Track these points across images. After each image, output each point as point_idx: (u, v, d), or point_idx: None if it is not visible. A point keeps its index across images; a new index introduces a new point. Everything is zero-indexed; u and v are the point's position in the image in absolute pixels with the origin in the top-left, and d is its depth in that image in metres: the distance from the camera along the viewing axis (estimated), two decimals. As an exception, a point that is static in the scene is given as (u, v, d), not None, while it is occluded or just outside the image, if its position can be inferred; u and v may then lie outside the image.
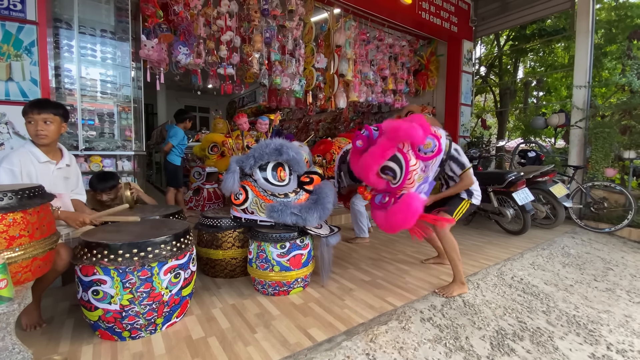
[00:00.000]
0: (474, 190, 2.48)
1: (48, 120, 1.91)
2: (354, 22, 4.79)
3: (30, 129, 1.89)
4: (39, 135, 1.89)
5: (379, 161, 2.02)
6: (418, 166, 2.03)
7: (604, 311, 2.19)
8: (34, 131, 1.89)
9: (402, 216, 1.96)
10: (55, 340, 1.69)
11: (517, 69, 10.32)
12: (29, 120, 1.88)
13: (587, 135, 4.61)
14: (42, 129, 1.89)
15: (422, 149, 2.04)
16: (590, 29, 4.68)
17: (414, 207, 1.96)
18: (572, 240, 3.73)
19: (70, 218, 1.83)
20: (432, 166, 2.11)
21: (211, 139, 4.42)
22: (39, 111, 1.88)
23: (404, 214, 1.96)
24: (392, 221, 2.02)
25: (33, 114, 1.87)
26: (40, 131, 1.89)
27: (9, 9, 2.62)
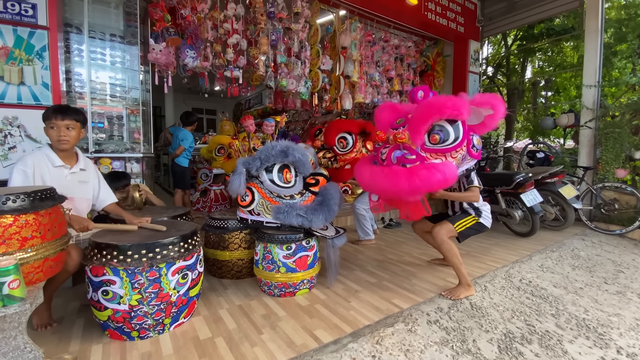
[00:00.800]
0: (483, 210, 2.37)
1: (70, 126, 1.95)
2: (360, 23, 4.79)
3: (53, 134, 1.92)
4: (61, 140, 1.93)
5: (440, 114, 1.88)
6: (464, 151, 1.99)
7: (615, 314, 2.15)
8: (56, 136, 1.92)
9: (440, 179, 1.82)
10: (65, 340, 1.72)
11: (525, 69, 10.22)
12: (52, 125, 1.91)
13: (597, 135, 4.55)
14: (65, 135, 1.93)
15: (474, 142, 2.01)
16: (599, 28, 4.62)
17: (454, 175, 1.88)
18: (582, 243, 3.67)
19: (75, 221, 1.86)
20: (464, 163, 2.07)
21: (218, 141, 4.45)
22: (62, 117, 1.92)
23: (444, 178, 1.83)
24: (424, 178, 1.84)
25: (57, 120, 1.91)
26: (62, 137, 1.93)
27: (21, 14, 2.68)
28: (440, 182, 1.84)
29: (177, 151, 4.37)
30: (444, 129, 1.94)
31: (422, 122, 1.91)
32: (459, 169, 2.07)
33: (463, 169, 2.12)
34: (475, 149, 2.02)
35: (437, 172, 1.85)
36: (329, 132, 3.44)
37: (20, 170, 1.81)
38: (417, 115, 1.94)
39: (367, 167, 2.17)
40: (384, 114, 2.24)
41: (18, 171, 1.81)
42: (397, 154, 1.99)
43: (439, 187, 1.88)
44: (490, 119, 1.96)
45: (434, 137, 1.95)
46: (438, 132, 1.94)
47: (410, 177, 1.87)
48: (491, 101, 1.92)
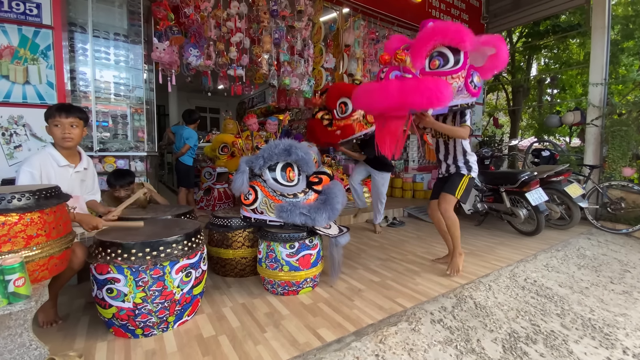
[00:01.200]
0: (472, 163, 2.49)
1: (74, 124, 1.96)
2: (363, 21, 4.78)
3: (57, 132, 1.93)
4: (65, 138, 1.94)
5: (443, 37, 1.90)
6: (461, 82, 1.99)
7: (621, 314, 2.13)
8: (60, 134, 1.93)
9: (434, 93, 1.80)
10: (71, 337, 1.74)
11: (531, 67, 10.14)
12: (56, 123, 1.92)
13: (603, 133, 4.50)
14: (69, 133, 1.94)
15: (474, 78, 2.03)
16: (606, 25, 4.56)
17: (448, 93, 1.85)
18: (588, 242, 3.64)
19: (84, 221, 1.87)
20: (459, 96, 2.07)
21: (221, 139, 4.46)
22: (67, 115, 1.94)
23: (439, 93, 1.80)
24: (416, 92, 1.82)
25: (61, 118, 1.92)
26: (67, 134, 1.94)
27: (25, 13, 2.70)
28: (430, 97, 1.81)
29: (183, 149, 4.37)
30: (443, 55, 1.97)
31: (424, 43, 1.93)
32: (454, 100, 2.06)
33: (458, 101, 2.10)
34: (473, 85, 2.03)
35: (427, 86, 1.83)
36: (331, 95, 3.44)
37: (27, 172, 1.81)
38: (421, 37, 1.96)
39: (365, 86, 2.19)
40: (393, 42, 2.25)
41: (25, 173, 1.81)
42: (395, 73, 2.02)
43: (428, 103, 1.84)
44: (494, 59, 2.00)
45: (433, 62, 1.99)
46: (438, 58, 1.97)
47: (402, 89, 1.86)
48: (494, 41, 1.97)
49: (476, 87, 2.05)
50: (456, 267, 2.51)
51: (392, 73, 2.02)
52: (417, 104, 1.83)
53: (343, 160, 6.46)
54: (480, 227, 4.27)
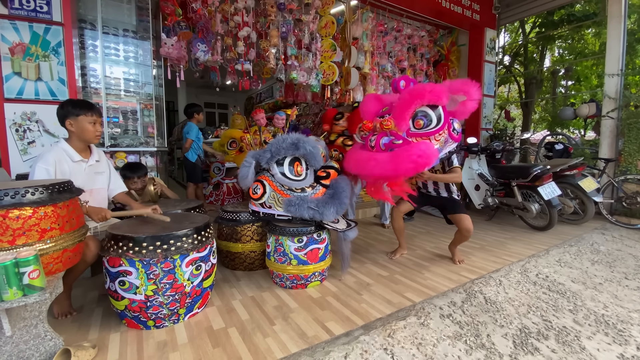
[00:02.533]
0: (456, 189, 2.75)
1: (100, 121, 2.08)
2: (371, 13, 4.71)
3: (91, 129, 2.00)
4: (98, 136, 2.05)
5: (421, 99, 2.02)
6: (446, 134, 2.12)
7: (635, 310, 2.08)
8: (95, 131, 2.02)
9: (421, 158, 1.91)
10: (85, 328, 1.78)
11: (544, 58, 9.88)
12: (92, 121, 2.00)
13: (619, 126, 4.37)
14: (100, 130, 2.06)
15: (454, 125, 2.15)
16: (622, 14, 4.40)
17: (434, 154, 1.98)
18: (602, 237, 3.56)
19: (93, 212, 1.90)
20: (446, 146, 2.19)
21: (230, 134, 4.48)
22: (100, 114, 2.06)
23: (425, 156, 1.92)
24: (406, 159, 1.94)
25: (94, 116, 2.01)
26: (99, 131, 2.05)
27: (36, 10, 2.73)
28: (420, 162, 1.93)
29: (186, 145, 4.36)
30: (426, 114, 2.09)
31: (406, 108, 2.05)
32: (442, 152, 2.19)
33: (446, 151, 2.23)
34: (455, 132, 2.17)
35: (418, 153, 1.93)
36: (355, 120, 3.39)
37: (42, 169, 1.84)
38: (401, 102, 2.08)
39: (356, 152, 2.31)
40: (370, 105, 2.40)
41: (40, 169, 1.83)
42: (385, 141, 2.13)
43: (422, 166, 1.96)
44: (465, 104, 2.11)
45: (418, 122, 2.10)
46: (422, 117, 2.09)
47: (393, 160, 1.99)
48: (463, 87, 2.08)
49: (458, 133, 2.20)
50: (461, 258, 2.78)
51: (382, 140, 2.14)
52: (410, 170, 1.97)
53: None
54: (491, 222, 4.22)
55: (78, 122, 1.96)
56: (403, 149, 2.01)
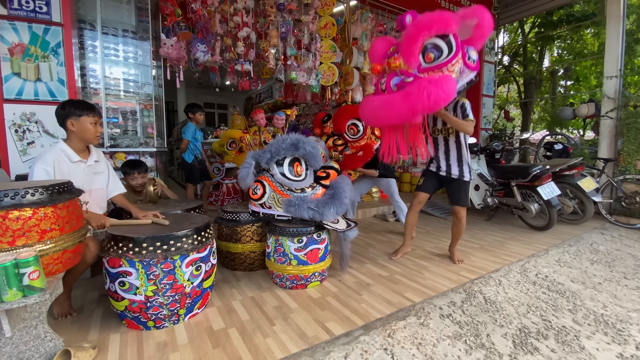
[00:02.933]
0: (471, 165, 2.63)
1: (100, 122, 2.09)
2: (371, 13, 4.71)
3: (92, 130, 2.01)
4: (98, 136, 2.07)
5: (429, 30, 1.86)
6: (461, 63, 1.95)
7: (634, 310, 2.08)
8: (96, 132, 2.04)
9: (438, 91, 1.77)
10: (85, 329, 1.78)
11: (543, 58, 9.90)
12: (94, 122, 2.01)
13: (618, 126, 4.38)
14: (100, 131, 2.08)
15: (470, 54, 1.97)
16: (621, 14, 4.42)
17: (453, 86, 1.83)
18: (602, 237, 3.57)
19: (92, 219, 1.90)
20: (464, 76, 2.04)
21: (229, 135, 4.48)
22: (100, 115, 2.08)
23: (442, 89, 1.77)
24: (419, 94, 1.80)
25: (95, 117, 2.02)
26: (99, 132, 2.07)
27: (35, 11, 2.73)
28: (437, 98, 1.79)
29: (182, 145, 4.25)
30: (436, 45, 1.92)
31: (413, 42, 1.88)
32: (460, 82, 2.04)
33: (464, 82, 2.09)
34: (472, 61, 2.00)
35: (432, 89, 1.80)
36: (339, 119, 3.37)
37: (41, 169, 1.84)
38: (407, 37, 1.91)
39: (368, 100, 2.17)
40: (377, 47, 2.23)
41: (39, 170, 1.83)
42: (396, 81, 1.98)
43: (438, 104, 1.82)
44: (479, 28, 1.95)
45: (428, 55, 1.93)
46: (432, 50, 1.92)
47: (407, 98, 1.85)
48: (473, 11, 1.94)
49: (474, 61, 2.02)
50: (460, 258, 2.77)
51: (392, 81, 1.99)
52: (427, 108, 1.83)
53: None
54: (490, 222, 4.22)
55: (80, 122, 1.96)
56: (417, 84, 1.85)
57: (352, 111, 3.31)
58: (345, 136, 3.37)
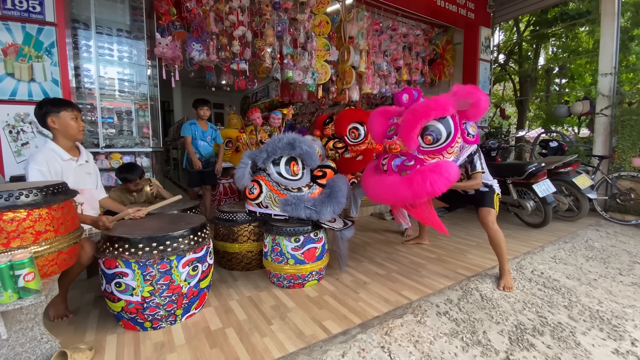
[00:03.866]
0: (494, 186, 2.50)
1: (80, 117, 2.07)
2: (367, 12, 4.71)
3: (74, 125, 2.00)
4: (81, 131, 2.05)
5: (427, 117, 1.93)
6: (460, 142, 2.02)
7: (629, 306, 2.10)
8: (78, 127, 2.02)
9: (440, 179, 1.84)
10: (81, 330, 1.77)
11: (538, 56, 9.95)
12: (74, 117, 1.99)
13: (613, 123, 4.41)
14: (83, 125, 2.06)
15: (469, 130, 2.04)
16: (616, 11, 4.44)
17: (454, 173, 1.89)
18: (597, 233, 3.60)
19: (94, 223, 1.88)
20: (464, 152, 2.10)
21: (226, 134, 4.47)
22: (79, 110, 2.05)
23: (444, 177, 1.85)
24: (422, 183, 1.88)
25: (74, 111, 2.00)
26: (82, 127, 2.05)
27: (29, 11, 2.71)
28: (440, 184, 1.87)
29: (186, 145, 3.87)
30: (435, 129, 2.00)
31: (411, 128, 1.96)
32: (460, 158, 2.11)
33: (464, 157, 2.14)
34: (471, 136, 2.07)
35: (434, 177, 1.87)
36: (340, 122, 3.38)
37: (35, 170, 1.82)
38: (405, 123, 2.00)
39: (371, 178, 2.24)
40: (375, 125, 2.30)
41: (34, 171, 1.82)
42: (397, 162, 2.06)
43: (441, 189, 1.89)
44: (476, 106, 2.01)
45: (427, 138, 2.01)
46: (430, 133, 2.00)
47: (411, 185, 1.93)
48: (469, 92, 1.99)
49: (474, 136, 2.10)
50: (509, 285, 2.29)
51: (394, 162, 2.07)
52: (430, 194, 1.90)
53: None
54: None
55: (60, 118, 1.95)
56: (417, 174, 1.94)
57: (354, 115, 3.31)
58: (346, 139, 3.37)
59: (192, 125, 3.76)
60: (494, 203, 2.44)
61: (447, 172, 1.88)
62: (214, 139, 3.91)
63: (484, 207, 2.43)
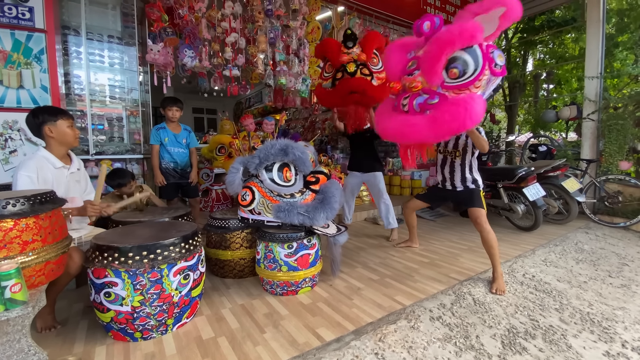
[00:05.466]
0: (480, 183, 2.61)
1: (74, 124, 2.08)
2: (359, 19, 4.76)
3: (71, 134, 2.01)
4: (77, 138, 2.06)
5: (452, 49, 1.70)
6: (488, 74, 1.77)
7: (619, 308, 2.14)
8: (75, 135, 2.04)
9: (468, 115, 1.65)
10: (69, 342, 1.73)
11: (527, 62, 10.15)
12: (70, 125, 2.00)
13: (600, 127, 4.51)
14: (78, 133, 2.07)
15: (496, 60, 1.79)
16: (601, 19, 4.57)
17: (483, 107, 1.70)
18: (586, 236, 3.65)
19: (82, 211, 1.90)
20: (490, 85, 1.90)
21: (218, 140, 4.45)
22: (72, 117, 2.06)
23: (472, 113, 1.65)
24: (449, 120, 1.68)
25: (69, 119, 2.01)
26: (77, 134, 2.06)
27: (18, 17, 2.68)
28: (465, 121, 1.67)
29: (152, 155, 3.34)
30: (461, 60, 1.74)
31: (435, 61, 1.72)
32: (487, 92, 1.91)
33: (491, 90, 1.95)
34: (498, 67, 1.82)
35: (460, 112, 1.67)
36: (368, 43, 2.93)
37: (25, 177, 1.80)
38: (429, 55, 1.75)
39: (389, 117, 2.00)
40: (393, 60, 2.04)
41: (23, 177, 1.80)
42: (419, 101, 1.82)
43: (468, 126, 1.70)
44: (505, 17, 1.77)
45: (452, 72, 1.75)
46: (456, 66, 1.74)
47: (433, 123, 1.73)
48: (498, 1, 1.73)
49: (501, 67, 1.85)
50: (502, 288, 2.30)
51: (415, 102, 1.85)
52: (456, 130, 1.73)
53: (341, 159, 6.46)
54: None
55: (57, 127, 1.95)
56: (443, 107, 1.73)
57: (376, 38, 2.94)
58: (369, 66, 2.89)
59: (161, 130, 3.23)
60: (482, 202, 2.50)
61: (473, 107, 1.68)
62: (189, 143, 3.41)
63: (474, 208, 2.48)
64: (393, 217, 3.49)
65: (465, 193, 2.60)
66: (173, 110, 3.27)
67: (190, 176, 3.39)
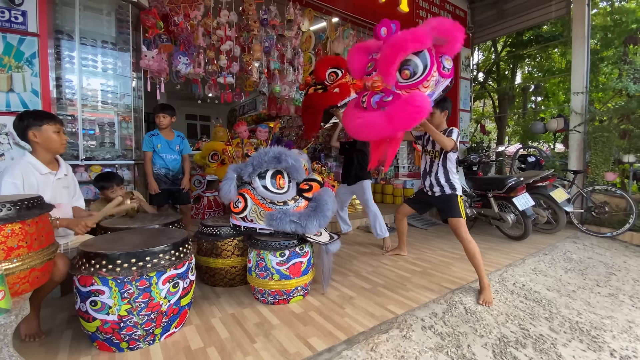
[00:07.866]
0: (456, 184, 2.62)
1: (63, 130, 2.03)
2: (352, 30, 4.84)
3: (57, 138, 1.96)
4: (63, 144, 2.01)
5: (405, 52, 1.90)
6: (436, 76, 2.00)
7: (607, 317, 2.16)
8: (61, 141, 1.98)
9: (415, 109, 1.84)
10: (53, 352, 1.68)
11: (515, 75, 10.40)
12: (57, 130, 1.95)
13: (586, 139, 4.63)
14: (65, 139, 2.02)
15: (444, 64, 2.02)
16: (586, 35, 4.73)
17: (427, 103, 1.89)
18: (574, 245, 3.71)
19: (72, 224, 1.84)
20: (439, 86, 2.09)
21: (211, 147, 4.43)
22: (62, 123, 2.00)
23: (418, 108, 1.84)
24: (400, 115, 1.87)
25: (57, 124, 1.96)
26: (64, 140, 2.01)
27: (10, 21, 2.66)
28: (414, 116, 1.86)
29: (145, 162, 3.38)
30: (411, 63, 1.96)
31: (390, 63, 1.92)
32: (436, 92, 2.10)
33: (439, 91, 2.14)
34: (446, 70, 2.05)
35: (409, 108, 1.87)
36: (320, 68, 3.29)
37: (9, 183, 1.77)
38: (384, 58, 1.96)
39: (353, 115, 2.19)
40: (355, 61, 2.25)
41: (7, 184, 1.76)
42: (376, 99, 2.03)
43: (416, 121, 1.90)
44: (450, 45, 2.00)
45: (404, 72, 1.97)
46: (407, 68, 1.96)
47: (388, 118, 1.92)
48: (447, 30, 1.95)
49: (449, 70, 2.09)
50: (489, 299, 2.31)
51: (373, 99, 2.07)
52: (409, 124, 1.91)
53: (334, 167, 6.48)
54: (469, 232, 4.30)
55: (42, 132, 1.91)
56: (396, 104, 1.93)
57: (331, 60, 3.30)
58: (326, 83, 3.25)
59: (154, 136, 3.26)
60: (460, 210, 2.55)
61: (421, 104, 1.87)
62: (182, 150, 3.41)
63: (453, 218, 2.54)
64: (382, 226, 3.46)
65: (444, 198, 2.64)
66: (160, 117, 3.30)
67: (182, 183, 3.40)
